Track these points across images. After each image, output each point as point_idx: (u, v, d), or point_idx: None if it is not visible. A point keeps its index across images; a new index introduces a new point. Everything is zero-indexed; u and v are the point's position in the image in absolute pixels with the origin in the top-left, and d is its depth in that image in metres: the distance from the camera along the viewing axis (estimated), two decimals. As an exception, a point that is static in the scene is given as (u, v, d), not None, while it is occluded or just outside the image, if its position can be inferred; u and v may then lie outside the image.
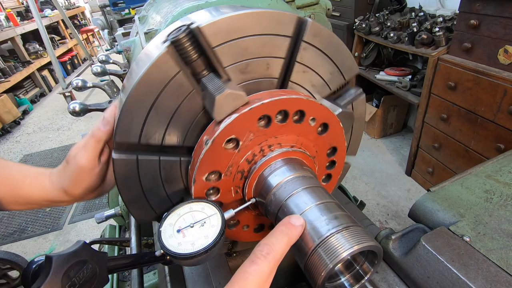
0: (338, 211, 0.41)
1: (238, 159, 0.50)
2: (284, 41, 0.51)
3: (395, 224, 2.53)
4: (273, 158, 0.50)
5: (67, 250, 0.44)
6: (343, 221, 0.38)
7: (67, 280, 0.41)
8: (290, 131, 0.51)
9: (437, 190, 0.70)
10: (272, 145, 0.51)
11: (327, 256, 0.35)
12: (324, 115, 0.53)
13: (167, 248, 0.42)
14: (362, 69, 3.35)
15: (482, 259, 0.51)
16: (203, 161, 0.47)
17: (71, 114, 0.97)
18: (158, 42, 0.51)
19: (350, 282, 0.41)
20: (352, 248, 0.34)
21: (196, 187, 0.49)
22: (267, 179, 0.48)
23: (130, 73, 0.56)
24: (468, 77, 2.07)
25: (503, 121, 1.91)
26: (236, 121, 0.46)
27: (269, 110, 0.47)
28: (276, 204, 0.46)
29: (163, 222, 0.45)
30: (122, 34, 1.61)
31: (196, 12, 0.61)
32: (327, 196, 0.43)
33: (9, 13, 5.80)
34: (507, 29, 1.81)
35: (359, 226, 0.38)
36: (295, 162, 0.50)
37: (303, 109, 0.50)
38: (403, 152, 3.31)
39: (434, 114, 2.45)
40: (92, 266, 0.44)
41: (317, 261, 0.36)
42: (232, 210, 0.48)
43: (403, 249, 0.60)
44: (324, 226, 0.38)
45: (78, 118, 5.17)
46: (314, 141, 0.55)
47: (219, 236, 0.42)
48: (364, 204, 1.51)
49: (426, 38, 2.34)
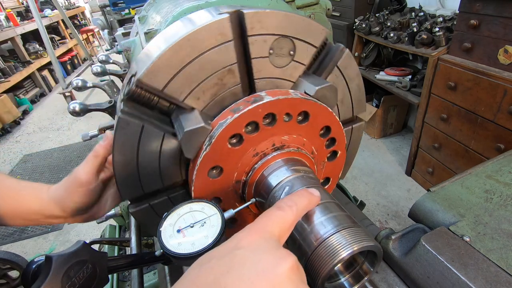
0: (338, 211, 0.41)
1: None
2: (228, 47, 0.49)
3: (395, 224, 2.52)
4: (272, 159, 0.50)
5: (67, 250, 0.44)
6: (343, 221, 0.38)
7: (67, 280, 0.41)
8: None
9: (437, 190, 0.70)
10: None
11: (327, 256, 0.35)
12: (302, 107, 0.52)
13: (167, 248, 0.42)
14: (362, 69, 3.35)
15: (482, 259, 0.51)
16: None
17: (71, 114, 0.97)
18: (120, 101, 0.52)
19: (350, 282, 0.41)
20: (351, 248, 0.34)
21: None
22: (267, 179, 0.48)
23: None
24: (468, 77, 2.06)
25: (503, 121, 1.90)
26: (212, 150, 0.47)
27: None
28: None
29: (163, 222, 0.45)
30: (122, 34, 1.60)
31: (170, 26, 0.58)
32: (327, 196, 0.43)
33: (9, 13, 5.80)
34: (507, 29, 1.81)
35: (359, 226, 0.38)
36: (295, 162, 0.50)
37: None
38: (403, 152, 3.31)
39: (434, 114, 2.45)
40: (92, 266, 0.44)
41: (317, 261, 0.36)
42: (232, 210, 0.48)
43: (403, 249, 0.60)
44: (324, 227, 0.38)
45: (78, 118, 5.17)
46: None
47: (219, 236, 0.42)
48: (364, 204, 1.51)
49: (426, 38, 2.34)
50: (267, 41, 0.51)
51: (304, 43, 0.55)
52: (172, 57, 0.46)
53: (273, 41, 0.51)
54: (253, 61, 0.51)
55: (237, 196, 0.54)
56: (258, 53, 0.51)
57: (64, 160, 4.06)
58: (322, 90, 0.53)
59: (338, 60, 0.58)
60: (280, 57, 0.54)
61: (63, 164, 4.00)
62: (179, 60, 0.46)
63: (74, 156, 4.16)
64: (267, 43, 0.51)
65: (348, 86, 0.64)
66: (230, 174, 0.51)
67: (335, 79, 0.60)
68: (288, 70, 0.56)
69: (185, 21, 0.53)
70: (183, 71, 0.47)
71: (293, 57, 0.55)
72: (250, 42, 0.49)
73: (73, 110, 0.92)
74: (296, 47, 0.54)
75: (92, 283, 0.44)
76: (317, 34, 0.55)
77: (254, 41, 0.50)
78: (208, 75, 0.49)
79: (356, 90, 0.66)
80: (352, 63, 0.62)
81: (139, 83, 0.45)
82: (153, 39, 0.57)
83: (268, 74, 0.54)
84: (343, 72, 0.61)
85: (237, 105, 0.50)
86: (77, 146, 4.39)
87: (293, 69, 0.56)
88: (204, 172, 0.49)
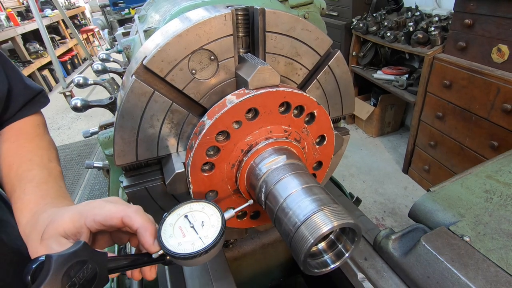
0: (323, 193, 0.44)
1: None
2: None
3: (391, 221, 2.56)
4: (263, 148, 0.53)
5: (67, 250, 0.43)
6: (326, 201, 0.42)
7: (67, 280, 0.40)
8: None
9: (437, 190, 0.70)
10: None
11: (309, 232, 0.38)
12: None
13: (167, 248, 0.42)
14: (360, 68, 3.38)
15: (482, 259, 0.51)
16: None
17: (73, 110, 1.00)
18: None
19: (332, 259, 0.44)
20: (332, 224, 0.37)
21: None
22: (257, 167, 0.52)
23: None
24: (462, 75, 2.10)
25: (496, 118, 1.94)
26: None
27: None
28: (266, 190, 0.49)
29: (163, 222, 0.46)
30: (122, 34, 1.63)
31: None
32: (312, 181, 0.47)
33: (9, 13, 5.82)
34: (500, 28, 1.84)
35: (340, 206, 0.41)
36: (284, 151, 0.53)
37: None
38: (400, 150, 3.34)
39: (430, 113, 2.48)
40: (92, 266, 0.43)
41: (300, 238, 0.39)
42: (232, 210, 0.48)
43: (403, 249, 0.60)
44: (307, 206, 0.41)
45: (78, 118, 5.20)
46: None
47: (219, 236, 0.43)
48: (360, 200, 1.54)
49: (422, 37, 2.37)
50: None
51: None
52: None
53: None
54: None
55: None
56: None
57: (64, 159, 4.09)
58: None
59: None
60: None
61: (64, 163, 4.03)
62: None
63: (75, 155, 4.19)
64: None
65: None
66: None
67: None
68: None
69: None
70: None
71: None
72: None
73: (75, 105, 0.96)
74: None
75: (92, 283, 0.43)
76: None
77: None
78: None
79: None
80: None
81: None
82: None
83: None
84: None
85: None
86: (77, 145, 4.42)
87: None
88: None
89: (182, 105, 0.56)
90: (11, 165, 0.66)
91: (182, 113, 0.56)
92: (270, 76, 0.52)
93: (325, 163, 0.65)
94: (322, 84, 0.65)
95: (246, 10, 0.55)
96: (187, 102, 0.57)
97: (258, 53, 0.57)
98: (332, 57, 0.64)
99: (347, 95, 0.69)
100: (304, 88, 0.65)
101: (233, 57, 0.55)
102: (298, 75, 0.63)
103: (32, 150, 0.70)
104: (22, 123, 0.75)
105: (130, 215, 0.46)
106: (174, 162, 0.56)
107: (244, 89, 0.53)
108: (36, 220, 0.55)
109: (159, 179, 0.60)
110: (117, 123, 0.53)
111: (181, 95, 0.56)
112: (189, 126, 0.58)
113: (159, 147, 0.57)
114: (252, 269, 1.04)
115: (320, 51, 0.62)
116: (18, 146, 0.70)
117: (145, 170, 0.62)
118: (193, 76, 0.54)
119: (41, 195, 0.60)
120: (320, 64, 0.65)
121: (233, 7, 0.53)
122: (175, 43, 0.51)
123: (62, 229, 0.48)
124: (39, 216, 0.55)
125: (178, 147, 0.59)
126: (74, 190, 3.44)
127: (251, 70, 0.52)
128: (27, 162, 0.67)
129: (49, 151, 0.74)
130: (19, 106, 0.75)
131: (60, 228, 0.48)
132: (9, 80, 0.73)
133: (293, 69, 0.62)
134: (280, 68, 0.60)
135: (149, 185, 0.60)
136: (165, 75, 0.53)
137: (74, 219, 0.48)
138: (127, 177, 0.60)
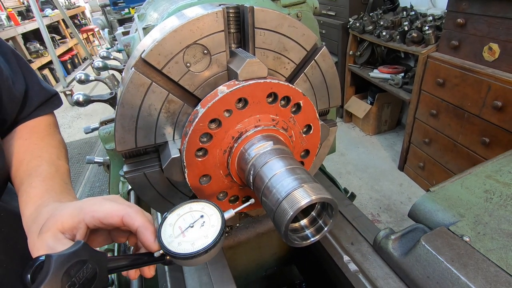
0: (304, 174, 0.48)
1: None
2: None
3: (386, 217, 2.60)
4: (252, 135, 0.58)
5: (67, 249, 0.43)
6: (307, 180, 0.46)
7: (67, 280, 0.40)
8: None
9: (437, 190, 0.69)
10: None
11: (289, 206, 0.43)
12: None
13: (167, 248, 0.43)
14: (356, 67, 3.43)
15: (482, 259, 0.51)
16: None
17: (75, 105, 1.05)
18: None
19: (312, 233, 0.48)
20: (310, 198, 0.42)
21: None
22: (247, 152, 0.56)
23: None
24: (455, 73, 2.14)
25: (487, 115, 1.98)
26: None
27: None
28: (254, 172, 0.54)
29: (163, 222, 0.46)
30: (122, 33, 1.68)
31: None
32: (295, 163, 0.51)
33: (10, 13, 5.87)
34: (491, 27, 1.89)
35: (319, 184, 0.46)
36: (271, 138, 0.58)
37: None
38: (397, 148, 3.39)
39: (425, 110, 2.53)
40: (92, 266, 0.43)
41: (282, 211, 0.44)
42: (232, 210, 0.50)
43: (403, 249, 0.61)
44: (289, 184, 0.46)
45: (78, 116, 5.25)
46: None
47: (219, 236, 0.44)
48: (355, 195, 1.58)
49: (416, 36, 2.42)
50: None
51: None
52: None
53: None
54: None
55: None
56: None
57: (65, 157, 4.13)
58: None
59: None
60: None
61: (64, 160, 4.07)
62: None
63: (75, 153, 4.24)
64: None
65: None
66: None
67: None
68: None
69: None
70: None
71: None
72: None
73: (77, 100, 1.00)
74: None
75: (92, 282, 0.43)
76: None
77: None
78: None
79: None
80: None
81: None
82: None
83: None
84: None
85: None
86: (78, 144, 4.47)
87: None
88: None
89: (178, 96, 0.61)
90: (21, 160, 0.70)
91: (178, 103, 0.61)
92: (258, 68, 0.57)
93: (312, 151, 0.70)
94: (309, 78, 0.70)
95: (237, 8, 0.60)
96: (183, 93, 0.62)
97: (248, 48, 0.62)
98: (318, 52, 0.68)
99: (334, 88, 0.74)
100: (293, 81, 0.69)
101: (224, 52, 0.60)
102: (286, 68, 0.67)
103: (43, 148, 0.74)
104: (35, 122, 0.79)
105: (131, 214, 0.47)
106: (171, 148, 0.60)
107: (234, 81, 0.58)
108: (38, 213, 0.56)
109: (157, 165, 0.65)
110: (117, 112, 0.57)
111: (177, 86, 0.61)
112: (185, 116, 0.62)
113: (157, 134, 0.62)
114: (247, 258, 1.07)
115: (307, 46, 0.66)
116: (30, 143, 0.74)
117: (144, 157, 0.67)
118: (187, 68, 0.59)
119: (46, 189, 0.63)
120: (307, 59, 0.69)
121: (225, 5, 0.58)
122: (171, 38, 0.55)
123: (60, 223, 0.49)
124: (41, 209, 0.57)
125: (174, 135, 0.63)
126: (75, 187, 3.49)
127: (241, 63, 0.56)
128: (37, 158, 0.70)
129: (58, 150, 0.78)
130: (34, 107, 0.79)
131: (58, 222, 0.49)
132: (27, 82, 0.77)
133: (281, 63, 0.66)
134: (269, 62, 0.65)
135: (147, 171, 0.65)
136: (162, 68, 0.57)
137: (74, 214, 0.49)
138: (127, 164, 0.65)
